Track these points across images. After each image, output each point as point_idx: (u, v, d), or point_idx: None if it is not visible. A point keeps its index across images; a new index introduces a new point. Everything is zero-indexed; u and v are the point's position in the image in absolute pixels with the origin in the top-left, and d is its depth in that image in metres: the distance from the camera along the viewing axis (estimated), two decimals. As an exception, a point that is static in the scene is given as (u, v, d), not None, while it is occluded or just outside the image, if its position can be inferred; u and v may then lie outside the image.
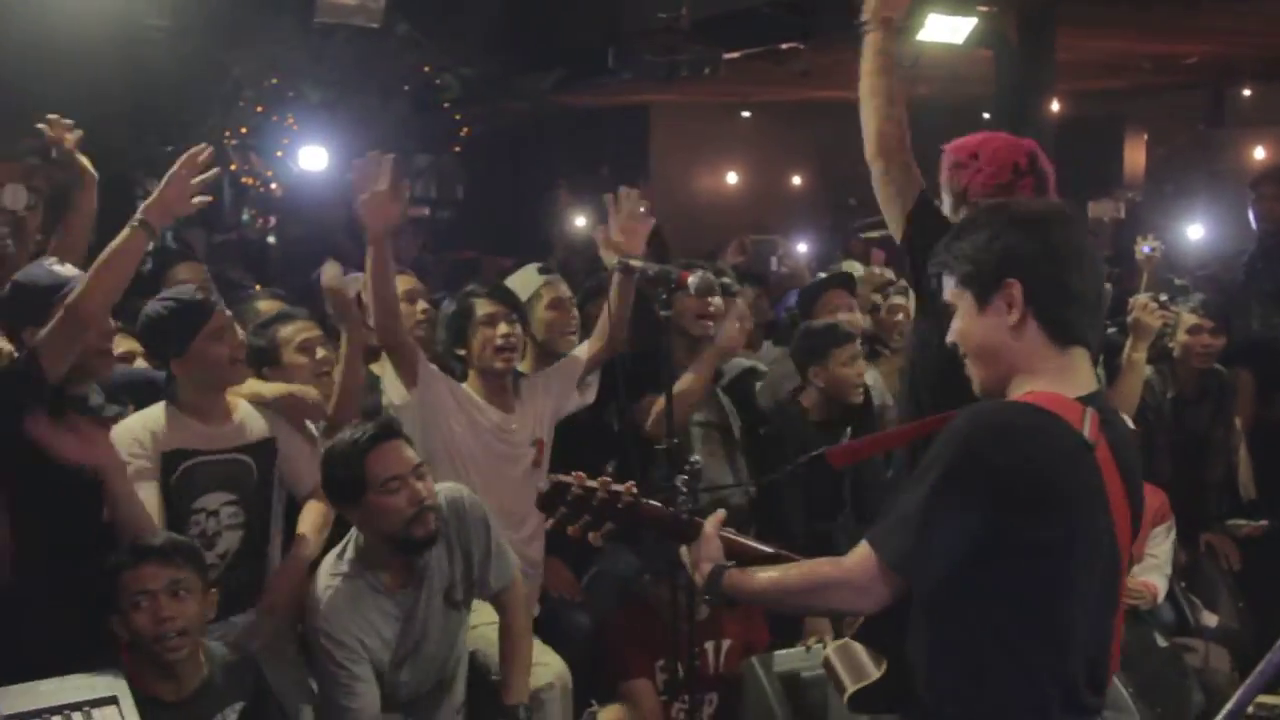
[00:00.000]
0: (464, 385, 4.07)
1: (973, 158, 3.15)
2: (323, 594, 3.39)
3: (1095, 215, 7.21)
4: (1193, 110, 13.49)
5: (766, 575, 2.25)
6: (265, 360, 3.91)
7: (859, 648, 2.30)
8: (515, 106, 12.44)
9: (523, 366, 4.28)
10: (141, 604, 3.00)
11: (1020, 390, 2.13)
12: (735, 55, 9.39)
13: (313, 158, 10.33)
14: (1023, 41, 8.67)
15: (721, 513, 2.40)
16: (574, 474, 2.44)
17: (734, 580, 2.28)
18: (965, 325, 2.19)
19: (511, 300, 4.12)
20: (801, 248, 10.53)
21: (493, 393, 4.07)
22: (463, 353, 4.07)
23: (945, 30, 7.98)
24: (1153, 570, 4.77)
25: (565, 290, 4.41)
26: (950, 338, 2.22)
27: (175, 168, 3.21)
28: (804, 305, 5.37)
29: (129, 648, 3.04)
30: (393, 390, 3.96)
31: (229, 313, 3.57)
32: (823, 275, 6.12)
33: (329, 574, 3.44)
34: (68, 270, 3.35)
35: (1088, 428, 2.04)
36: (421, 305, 4.54)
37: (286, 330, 3.94)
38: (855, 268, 6.50)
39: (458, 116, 11.86)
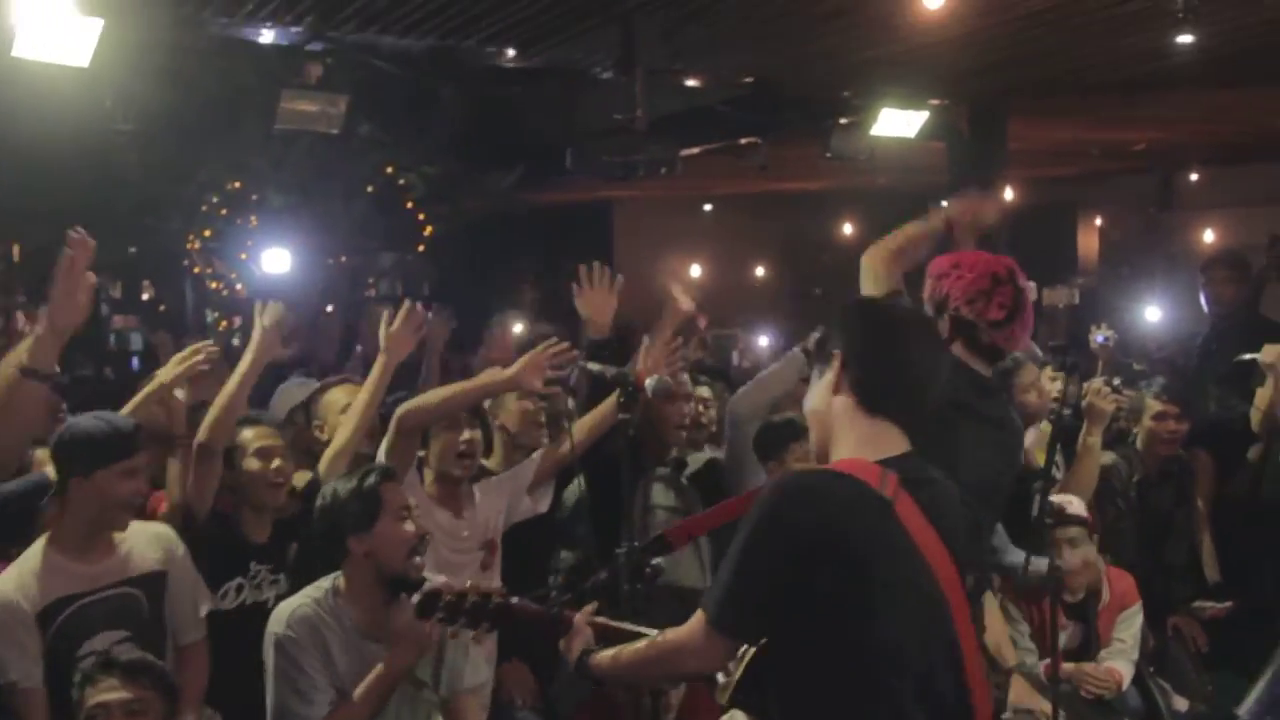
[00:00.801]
0: (419, 486, 4.06)
1: (954, 266, 3.29)
2: (290, 606, 3.32)
3: (1050, 302, 7.30)
4: (1144, 194, 13.75)
5: (622, 652, 2.47)
6: (226, 461, 3.89)
7: (743, 715, 2.46)
8: (479, 204, 12.55)
9: (493, 460, 4.32)
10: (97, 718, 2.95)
11: (832, 460, 2.36)
12: (695, 151, 9.53)
13: (276, 260, 10.37)
14: (974, 132, 8.84)
15: (593, 605, 2.65)
16: (443, 582, 2.71)
17: (598, 661, 2.51)
18: (808, 395, 2.46)
19: (475, 407, 4.15)
20: (763, 341, 10.55)
21: (446, 496, 4.08)
22: (422, 454, 4.07)
23: (898, 124, 8.16)
24: (1118, 655, 4.76)
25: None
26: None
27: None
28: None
29: None
30: None
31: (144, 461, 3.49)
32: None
33: (301, 595, 3.38)
34: None
35: (886, 487, 2.24)
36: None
37: (247, 434, 3.94)
38: None
39: (421, 216, 11.92)
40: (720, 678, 2.55)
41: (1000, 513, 3.56)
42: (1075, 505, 4.69)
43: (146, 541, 3.56)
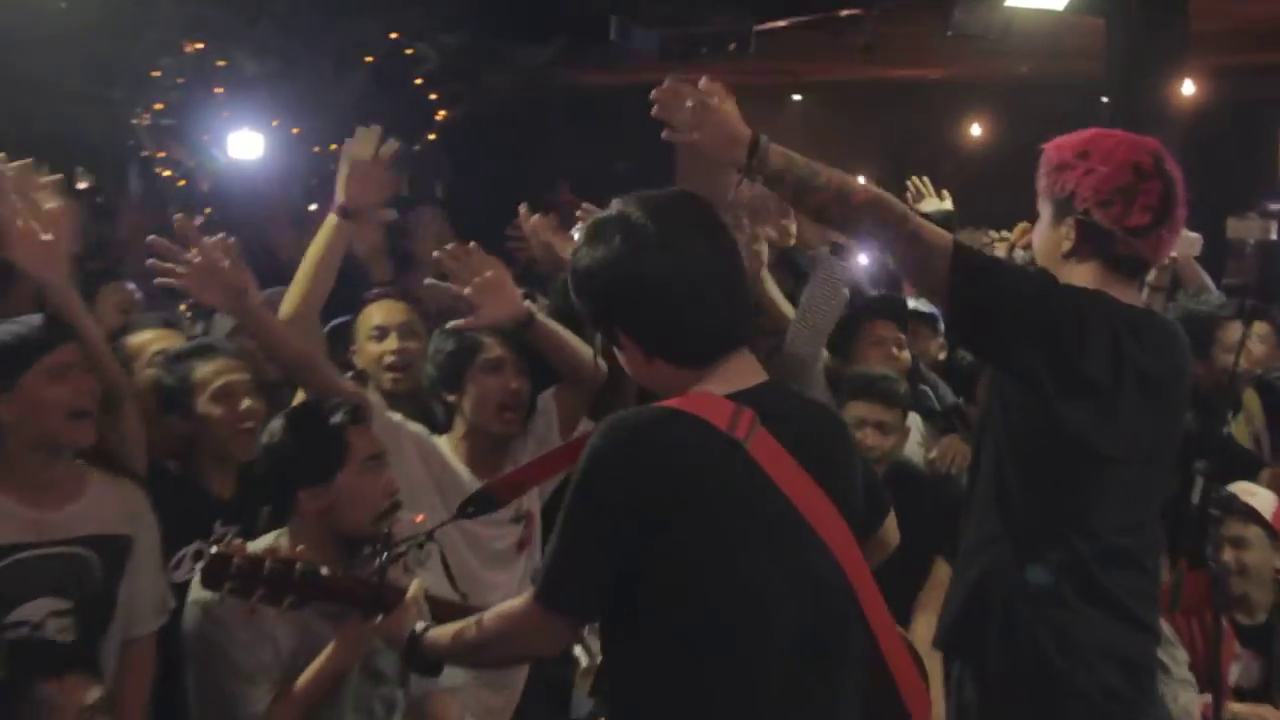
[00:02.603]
0: (440, 440, 4.13)
1: (1081, 156, 3.26)
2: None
3: (1236, 236, 7.03)
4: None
5: (454, 631, 2.70)
6: (173, 404, 3.99)
7: None
8: (507, 83, 12.52)
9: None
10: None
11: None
12: (780, 24, 9.41)
13: (246, 144, 10.38)
14: (1146, 5, 8.65)
15: (422, 580, 2.90)
16: (233, 544, 2.93)
17: (431, 640, 2.75)
18: (625, 364, 2.65)
19: (525, 345, 4.17)
20: (861, 259, 10.41)
21: (479, 456, 4.12)
22: (452, 399, 4.12)
23: (1044, -7, 8.05)
24: None
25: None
26: None
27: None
28: (841, 337, 5.22)
29: None
30: None
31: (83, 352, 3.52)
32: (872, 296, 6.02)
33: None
34: None
35: (738, 426, 2.42)
36: (392, 344, 4.52)
37: (204, 370, 4.00)
38: None
39: (434, 96, 11.86)
40: (583, 659, 2.82)
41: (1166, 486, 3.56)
42: (1260, 498, 4.59)
43: (113, 497, 3.61)
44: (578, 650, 2.87)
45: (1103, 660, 3.24)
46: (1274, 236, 6.84)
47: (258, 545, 3.40)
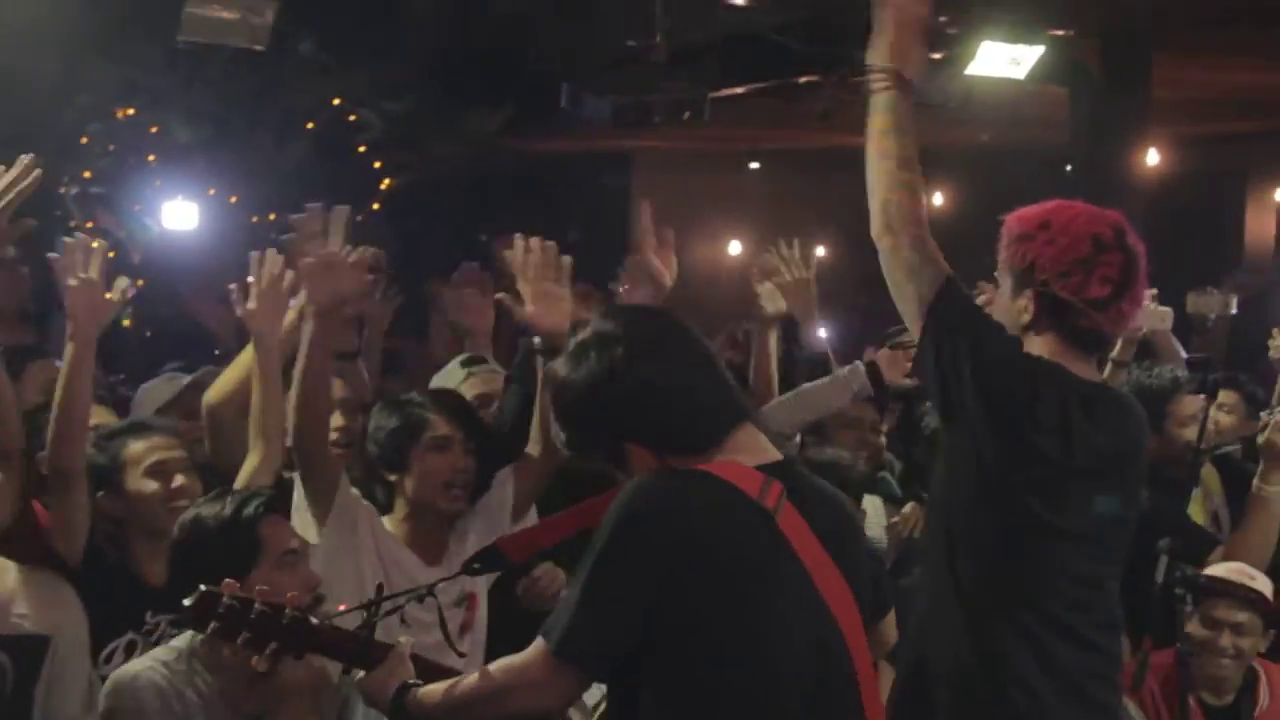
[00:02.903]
0: (384, 520, 4.08)
1: (1042, 227, 3.32)
2: (131, 672, 3.29)
3: (1196, 311, 7.16)
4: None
5: (446, 686, 2.72)
6: (104, 483, 3.93)
7: None
8: (454, 151, 12.61)
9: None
10: None
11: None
12: (737, 91, 9.51)
13: (180, 214, 10.38)
14: (1108, 75, 8.78)
15: (410, 639, 2.89)
16: (225, 583, 2.83)
17: (416, 698, 2.74)
18: (632, 469, 2.72)
19: (472, 422, 4.15)
20: (821, 333, 10.49)
21: (421, 535, 4.08)
22: (394, 478, 4.09)
23: (1004, 62, 8.09)
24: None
25: (497, 385, 4.53)
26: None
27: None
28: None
29: None
30: (296, 523, 3.89)
31: None
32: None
33: (146, 659, 3.35)
34: None
35: (767, 497, 2.56)
36: (338, 420, 4.50)
37: (136, 447, 3.94)
38: None
39: (378, 164, 11.94)
40: None
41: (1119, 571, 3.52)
42: (1260, 581, 4.60)
43: (29, 595, 3.56)
44: None
45: None
46: (1234, 311, 6.97)
47: (179, 642, 3.39)
